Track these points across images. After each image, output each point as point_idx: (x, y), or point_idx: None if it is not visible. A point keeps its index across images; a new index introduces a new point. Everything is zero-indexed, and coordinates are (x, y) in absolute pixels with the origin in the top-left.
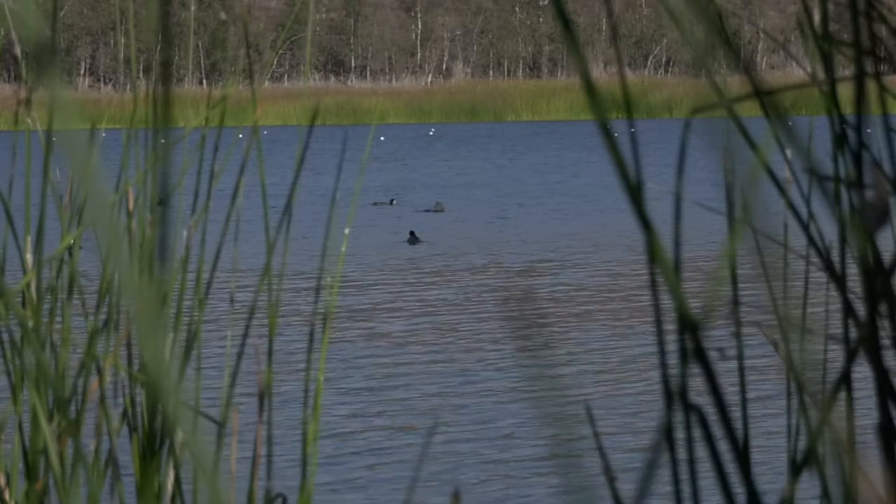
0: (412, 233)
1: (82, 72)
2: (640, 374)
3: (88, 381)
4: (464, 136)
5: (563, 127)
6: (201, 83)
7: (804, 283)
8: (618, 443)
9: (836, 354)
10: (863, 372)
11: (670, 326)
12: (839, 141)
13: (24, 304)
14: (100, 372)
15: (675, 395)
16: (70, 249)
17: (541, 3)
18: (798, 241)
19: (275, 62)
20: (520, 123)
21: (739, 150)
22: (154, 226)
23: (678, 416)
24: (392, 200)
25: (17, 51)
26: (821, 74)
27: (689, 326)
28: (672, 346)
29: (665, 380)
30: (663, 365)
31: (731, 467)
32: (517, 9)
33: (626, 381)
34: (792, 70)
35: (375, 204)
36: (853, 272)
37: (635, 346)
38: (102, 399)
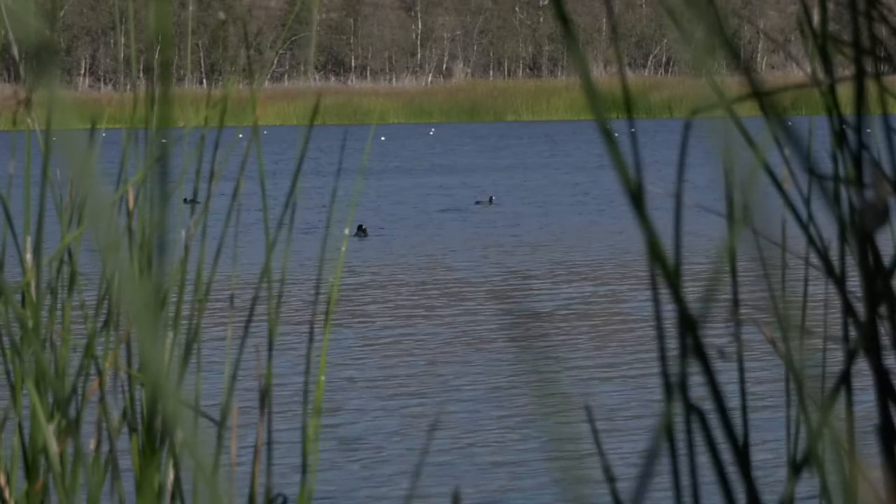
0: (360, 226)
1: (82, 72)
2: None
3: (88, 381)
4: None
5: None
6: (201, 83)
7: (804, 283)
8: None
9: (837, 354)
10: (863, 372)
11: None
12: (839, 141)
13: (24, 304)
14: (100, 372)
15: (675, 395)
16: (70, 249)
17: (541, 3)
18: (798, 241)
19: (275, 62)
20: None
21: (739, 150)
22: (154, 226)
23: (678, 416)
24: (490, 199)
25: (16, 51)
26: (821, 74)
27: (689, 326)
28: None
29: (665, 379)
30: (663, 364)
31: (731, 467)
32: (517, 9)
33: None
34: (792, 70)
35: (478, 203)
36: (853, 272)
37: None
38: (102, 399)
